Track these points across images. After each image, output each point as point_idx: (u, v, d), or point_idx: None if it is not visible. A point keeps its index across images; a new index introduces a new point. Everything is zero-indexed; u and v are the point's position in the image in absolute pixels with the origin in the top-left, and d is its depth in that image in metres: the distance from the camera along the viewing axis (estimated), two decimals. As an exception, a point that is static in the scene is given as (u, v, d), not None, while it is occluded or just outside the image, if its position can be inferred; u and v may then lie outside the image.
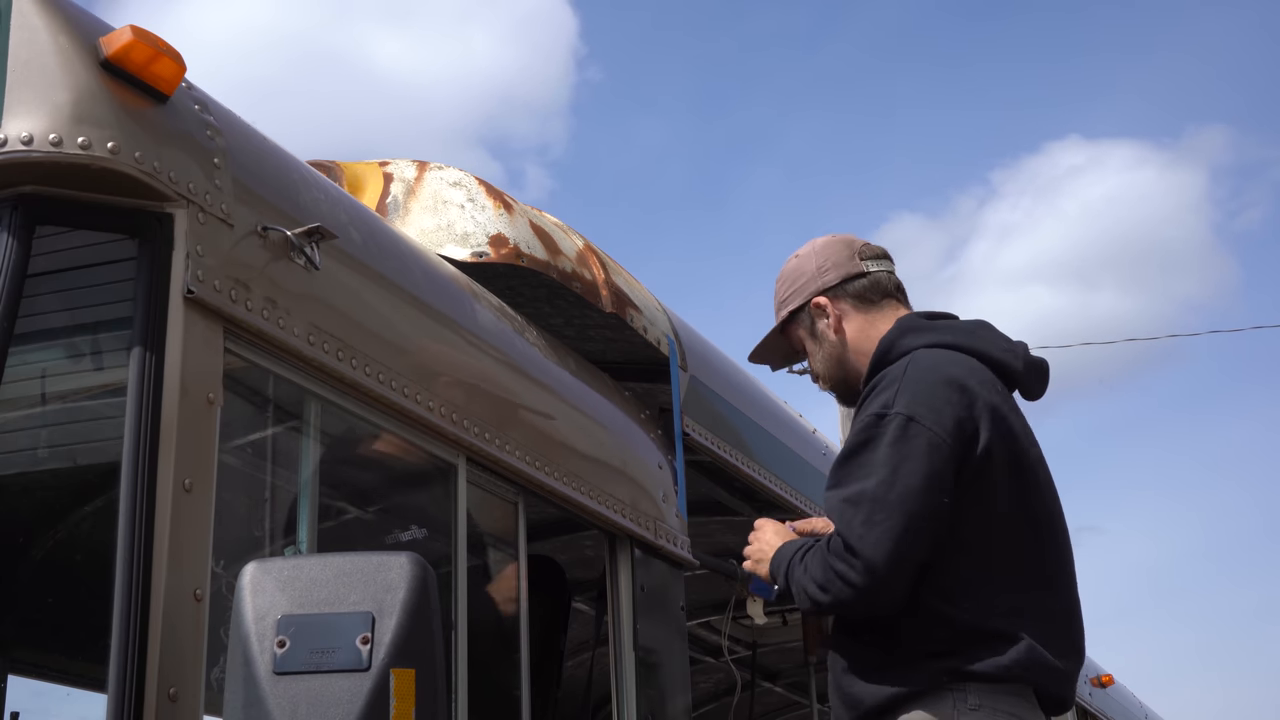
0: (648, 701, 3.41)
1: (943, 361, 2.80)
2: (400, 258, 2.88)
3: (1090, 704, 7.94)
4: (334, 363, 2.52)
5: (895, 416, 2.71)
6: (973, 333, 2.91)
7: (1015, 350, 2.92)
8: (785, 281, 3.13)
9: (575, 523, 3.50)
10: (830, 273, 3.04)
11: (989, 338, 2.91)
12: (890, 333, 2.93)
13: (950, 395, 2.72)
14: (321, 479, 2.68)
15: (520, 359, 3.21)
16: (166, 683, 2.01)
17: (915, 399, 2.71)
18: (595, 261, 3.66)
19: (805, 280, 3.07)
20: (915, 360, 2.81)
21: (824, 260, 3.06)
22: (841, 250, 3.07)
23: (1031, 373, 2.94)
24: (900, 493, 2.64)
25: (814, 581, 2.75)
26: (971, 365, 2.82)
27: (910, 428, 2.68)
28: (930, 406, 2.70)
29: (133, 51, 2.21)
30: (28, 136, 2.14)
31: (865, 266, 3.04)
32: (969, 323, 2.98)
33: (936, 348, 2.83)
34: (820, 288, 3.04)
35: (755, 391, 4.57)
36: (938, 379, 2.75)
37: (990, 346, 2.88)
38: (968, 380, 2.77)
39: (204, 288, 2.24)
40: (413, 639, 1.82)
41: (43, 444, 3.14)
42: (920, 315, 2.99)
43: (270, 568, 1.87)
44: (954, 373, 2.77)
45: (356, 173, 3.58)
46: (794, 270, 3.11)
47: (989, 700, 2.64)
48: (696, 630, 5.27)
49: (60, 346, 2.67)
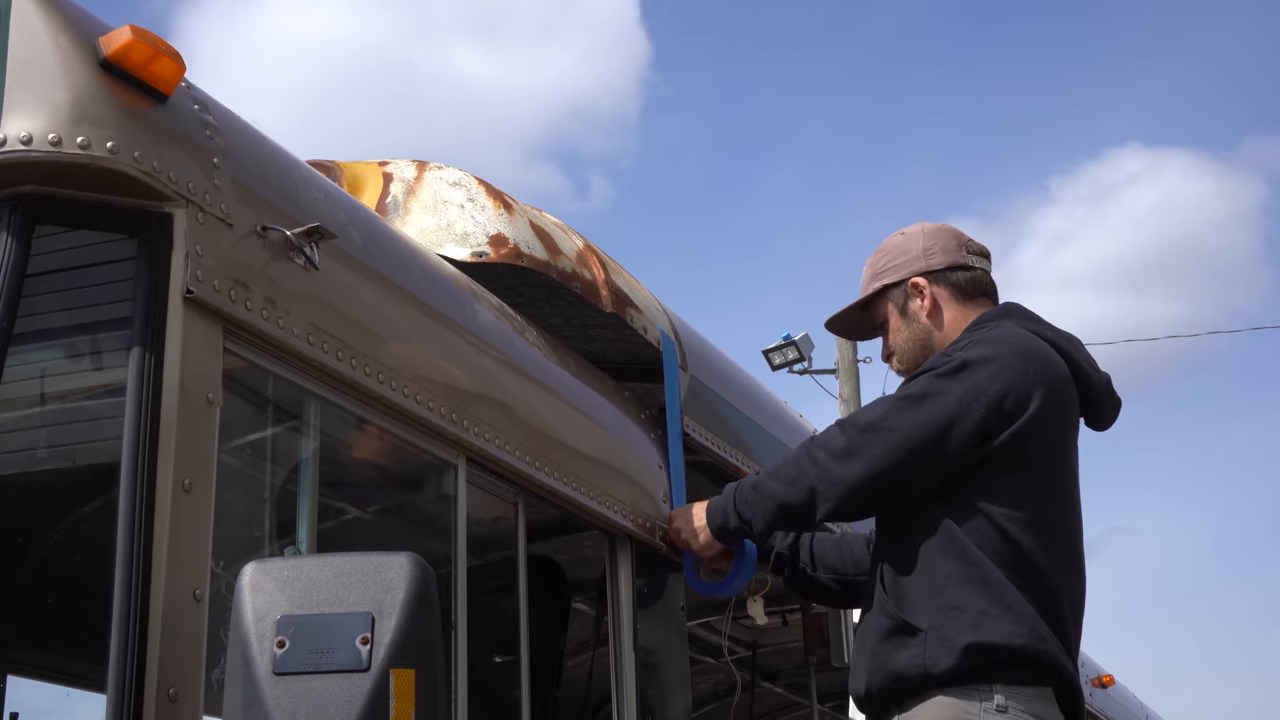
0: (648, 702, 3.41)
1: (1027, 338, 2.83)
2: (400, 258, 2.88)
3: (1090, 704, 7.94)
4: (334, 363, 2.52)
5: (955, 359, 2.77)
6: (1070, 340, 2.95)
7: (1100, 374, 2.95)
8: (886, 254, 3.11)
9: (575, 523, 3.50)
10: (937, 257, 3.04)
11: (1082, 352, 2.94)
12: (994, 310, 2.97)
13: (1015, 363, 2.76)
14: (321, 479, 2.68)
15: (520, 359, 3.20)
16: (166, 683, 2.01)
17: (981, 353, 2.77)
18: (595, 261, 3.66)
19: (909, 258, 3.06)
20: (1008, 329, 2.87)
21: (931, 243, 3.06)
22: (950, 239, 3.08)
23: (1107, 400, 2.96)
24: (910, 422, 2.72)
25: (776, 472, 2.86)
26: (1055, 356, 2.84)
27: (961, 371, 2.74)
28: (988, 360, 2.74)
29: (132, 51, 2.21)
30: (27, 136, 2.13)
31: (970, 260, 3.05)
32: (1066, 331, 3.00)
33: (1032, 332, 2.86)
34: (923, 269, 3.04)
35: (755, 391, 4.57)
36: (1013, 346, 2.79)
37: (1080, 358, 2.90)
38: (1042, 360, 2.79)
39: (203, 287, 2.24)
40: (413, 639, 1.82)
41: (42, 444, 3.14)
42: (1024, 310, 3.02)
43: (270, 568, 1.87)
44: (1031, 348, 2.80)
45: (356, 172, 3.58)
46: (898, 246, 3.10)
47: (1015, 701, 2.65)
48: (696, 630, 5.27)
49: (60, 346, 2.67)
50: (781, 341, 15.57)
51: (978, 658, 2.64)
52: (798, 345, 15.47)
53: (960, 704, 2.65)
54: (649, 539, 3.54)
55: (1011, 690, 2.65)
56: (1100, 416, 2.97)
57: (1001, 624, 2.66)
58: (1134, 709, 9.72)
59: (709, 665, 5.70)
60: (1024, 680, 2.67)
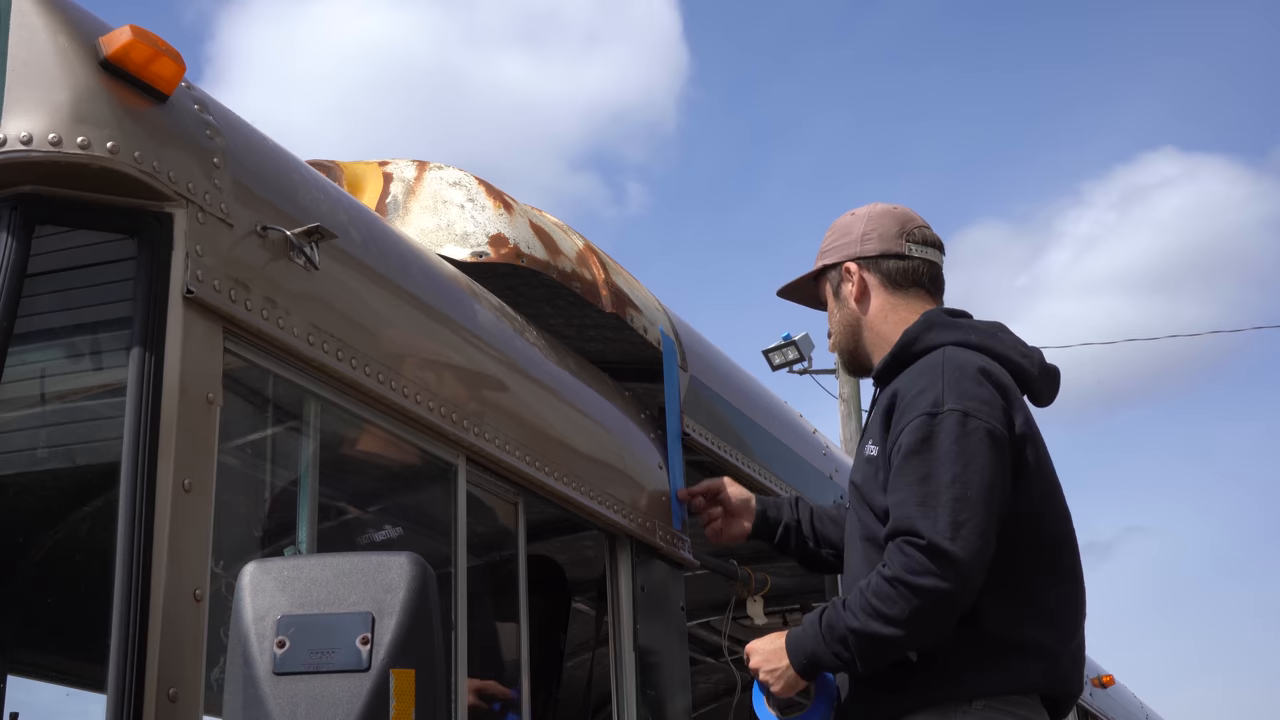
0: (648, 702, 3.41)
1: (976, 359, 2.80)
2: (400, 257, 2.88)
3: (1091, 704, 7.93)
4: (334, 363, 2.52)
5: (951, 413, 2.65)
6: (993, 335, 2.91)
7: (1031, 355, 2.91)
8: (832, 234, 3.12)
9: (575, 523, 3.50)
10: (872, 243, 3.02)
11: (1008, 340, 2.91)
12: (916, 325, 2.91)
13: (993, 392, 2.72)
14: (321, 479, 2.68)
15: (520, 359, 3.20)
16: (166, 683, 2.01)
17: (965, 395, 2.67)
18: (595, 261, 3.66)
19: (848, 241, 3.06)
20: (949, 356, 2.78)
21: (870, 228, 3.04)
22: (891, 225, 3.04)
23: (1044, 378, 2.93)
24: (979, 489, 2.58)
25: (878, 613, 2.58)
26: (996, 366, 2.82)
27: (969, 423, 2.64)
28: (981, 400, 2.68)
29: (132, 51, 2.21)
30: (27, 136, 2.13)
31: (907, 249, 3.00)
32: (988, 324, 2.97)
33: (962, 346, 2.83)
34: (856, 255, 3.02)
35: (755, 391, 4.57)
36: (978, 375, 2.74)
37: (1008, 349, 2.87)
38: (1001, 378, 2.77)
39: (203, 287, 2.24)
40: (413, 639, 1.82)
41: (42, 444, 3.14)
42: (943, 311, 2.98)
43: (270, 568, 1.87)
44: (990, 369, 2.77)
45: (356, 172, 3.58)
46: (844, 227, 3.09)
47: (994, 701, 2.64)
48: (696, 630, 5.26)
49: (59, 346, 2.67)
50: (781, 341, 15.57)
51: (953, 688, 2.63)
52: (798, 345, 15.47)
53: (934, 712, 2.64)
54: (649, 539, 3.54)
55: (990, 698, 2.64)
56: (1038, 395, 2.96)
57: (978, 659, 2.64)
58: (1134, 709, 9.72)
59: (709, 665, 5.70)
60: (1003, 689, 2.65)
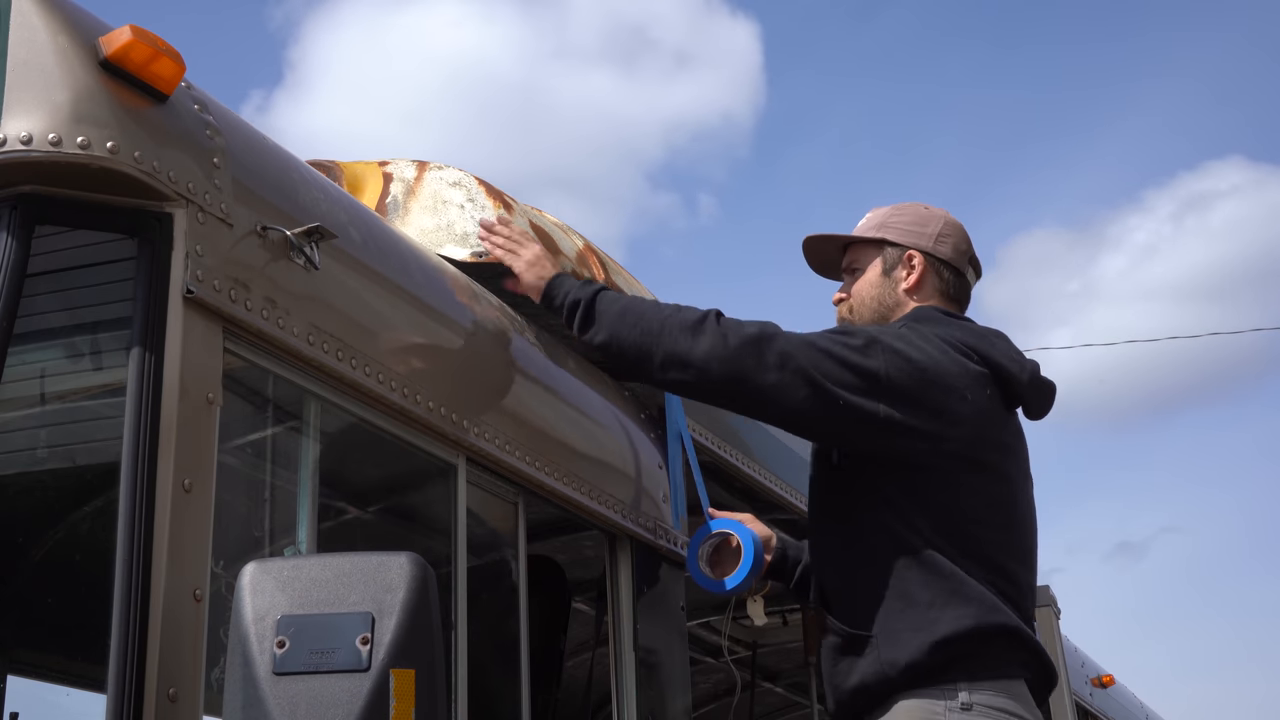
0: (648, 701, 3.41)
1: (929, 340, 2.83)
2: (400, 257, 2.88)
3: (1090, 704, 7.94)
4: (334, 363, 2.52)
5: (863, 333, 2.78)
6: (983, 336, 2.92)
7: (1023, 364, 2.92)
8: (903, 215, 3.08)
9: (575, 523, 3.50)
10: (946, 247, 3.03)
11: (1000, 346, 2.91)
12: (904, 317, 2.94)
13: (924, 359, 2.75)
14: (321, 479, 2.68)
15: (520, 359, 3.20)
16: (166, 683, 2.01)
17: (890, 336, 2.78)
18: (595, 261, 3.66)
19: (922, 231, 3.04)
20: (912, 326, 2.87)
21: (948, 232, 3.05)
22: (963, 240, 3.08)
23: (1034, 390, 2.94)
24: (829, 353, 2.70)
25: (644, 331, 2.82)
26: (959, 361, 2.82)
27: (869, 344, 2.74)
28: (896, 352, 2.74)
29: (132, 51, 2.21)
30: (27, 136, 2.13)
31: (966, 271, 3.06)
32: (984, 328, 2.98)
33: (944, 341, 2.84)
34: (929, 249, 3.02)
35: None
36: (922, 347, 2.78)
37: (996, 353, 2.87)
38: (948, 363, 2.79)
39: (203, 287, 2.24)
40: (413, 639, 1.82)
41: (42, 444, 3.14)
42: (939, 310, 3.00)
43: (270, 568, 1.87)
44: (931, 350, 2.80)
45: (356, 172, 3.58)
46: (918, 215, 3.07)
47: (981, 699, 2.63)
48: (696, 630, 5.27)
49: (59, 346, 2.67)
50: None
51: (935, 654, 2.63)
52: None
53: (924, 705, 2.63)
54: (649, 539, 3.54)
55: (976, 686, 2.63)
56: (1029, 406, 2.96)
57: (950, 610, 2.64)
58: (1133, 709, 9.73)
59: (709, 665, 5.71)
60: (986, 674, 2.65)
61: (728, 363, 2.73)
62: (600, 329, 2.90)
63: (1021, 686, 2.70)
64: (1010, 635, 2.67)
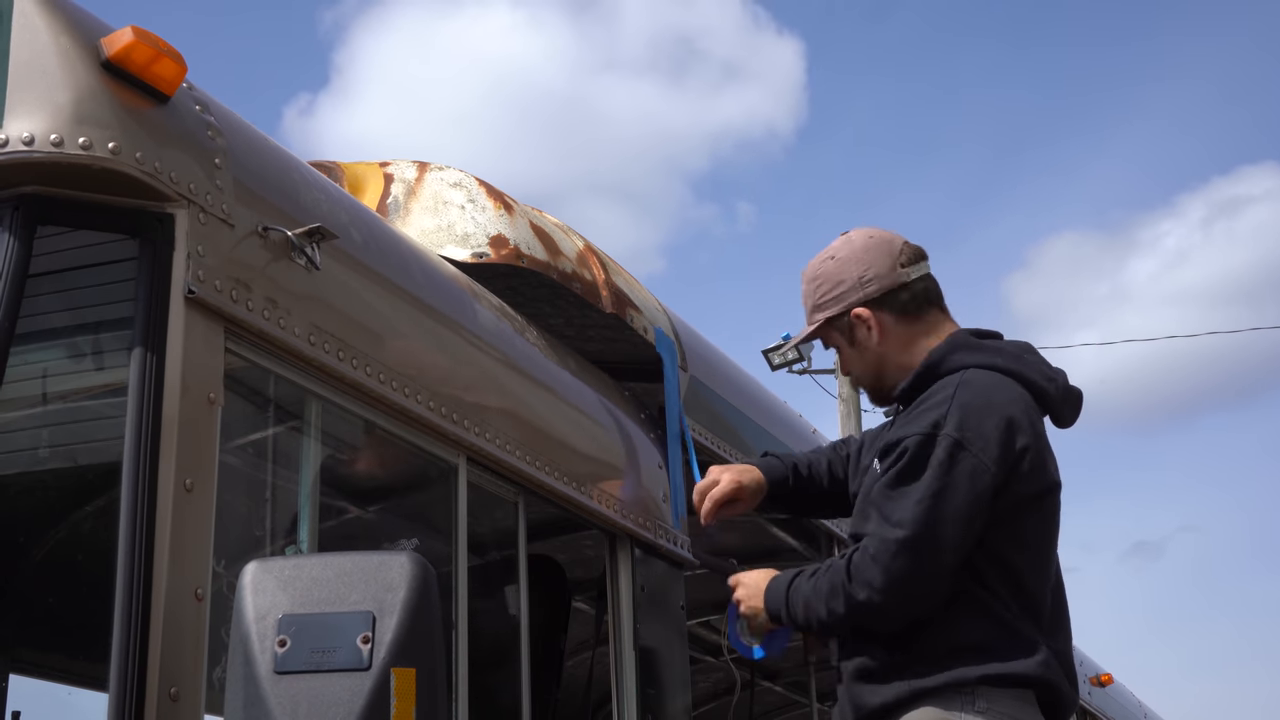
0: (648, 701, 3.41)
1: (993, 387, 2.79)
2: (401, 258, 2.88)
3: (1090, 703, 7.94)
4: (334, 363, 2.52)
5: (945, 439, 2.69)
6: (1019, 357, 2.90)
7: (1055, 379, 2.92)
8: (823, 284, 3.00)
9: (575, 523, 3.50)
10: (872, 284, 2.94)
11: (1033, 363, 2.91)
12: (941, 347, 2.88)
13: (999, 423, 2.73)
14: (322, 479, 2.68)
15: (520, 359, 3.21)
16: (168, 682, 2.02)
17: (965, 423, 2.70)
18: (595, 262, 3.66)
19: (846, 288, 2.96)
20: (966, 382, 2.78)
21: (865, 270, 2.95)
22: (883, 258, 2.96)
23: (1065, 401, 2.95)
24: (936, 529, 2.66)
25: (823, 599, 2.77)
26: (1018, 392, 2.82)
27: (958, 454, 2.68)
28: (979, 433, 2.70)
29: (134, 52, 2.21)
30: (29, 137, 2.14)
31: (908, 276, 2.94)
32: (1015, 345, 2.95)
33: (985, 369, 2.83)
34: (862, 299, 2.94)
35: (755, 391, 4.58)
36: (987, 404, 2.75)
37: (1033, 373, 2.87)
38: (1014, 409, 2.77)
39: (205, 288, 2.24)
40: (413, 638, 1.82)
41: (44, 444, 3.15)
42: (969, 333, 2.98)
43: (271, 567, 1.88)
44: (1002, 399, 2.78)
45: (357, 173, 3.58)
46: (833, 275, 2.98)
47: (997, 704, 2.65)
48: (696, 630, 5.27)
49: (61, 346, 2.68)
50: (781, 341, 15.55)
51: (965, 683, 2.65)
52: (798, 346, 15.44)
53: (939, 714, 2.65)
54: (649, 539, 3.55)
55: (994, 693, 2.66)
56: (1060, 417, 2.97)
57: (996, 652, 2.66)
58: (1132, 708, 9.73)
59: (709, 665, 5.71)
60: (1009, 684, 2.68)
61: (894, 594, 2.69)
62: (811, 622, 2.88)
63: (1032, 696, 2.72)
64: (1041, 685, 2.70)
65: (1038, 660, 2.68)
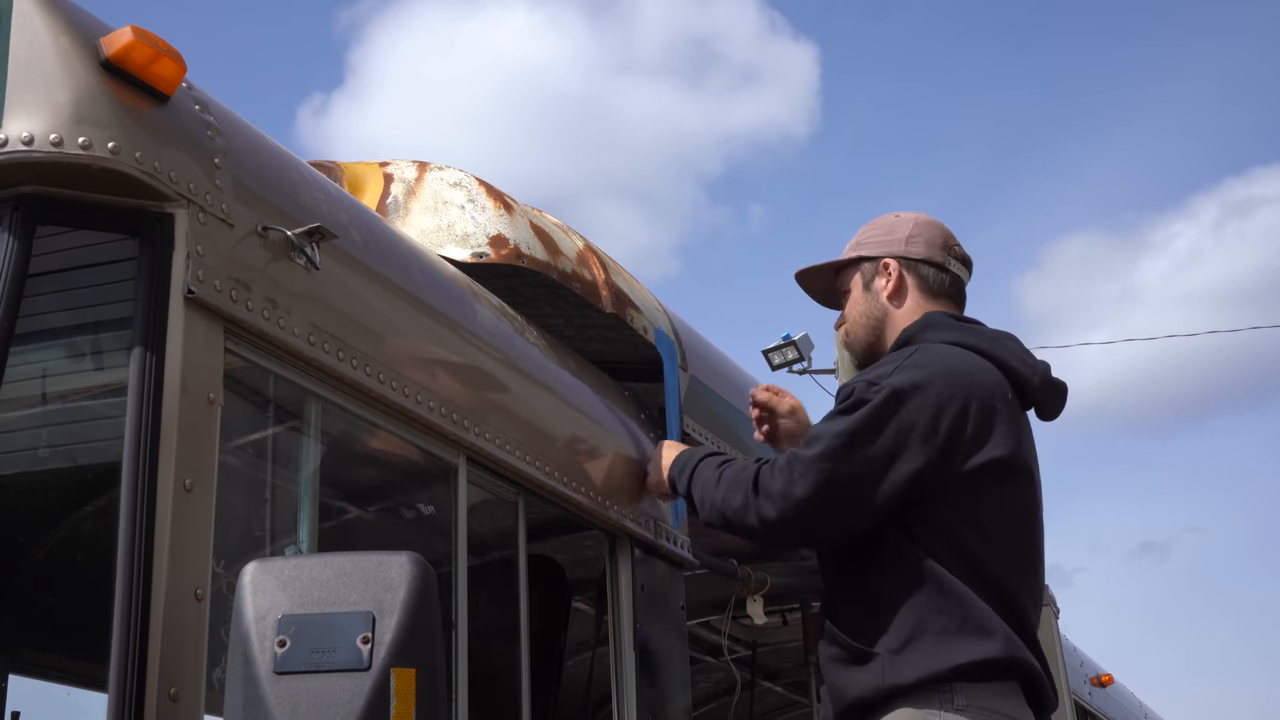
0: (648, 701, 3.41)
1: (954, 357, 2.82)
2: (401, 258, 2.88)
3: (1090, 704, 7.94)
4: (334, 363, 2.52)
5: (886, 388, 2.74)
6: (995, 340, 2.92)
7: (1035, 366, 2.92)
8: (874, 230, 3.12)
9: (575, 523, 3.50)
10: (918, 246, 3.05)
11: (1012, 349, 2.92)
12: (917, 323, 2.95)
13: (946, 388, 2.74)
14: (322, 479, 2.68)
15: (520, 359, 3.21)
16: (167, 683, 2.02)
17: (912, 380, 2.75)
18: (595, 262, 3.66)
19: (892, 239, 3.07)
20: (927, 348, 2.84)
21: (917, 233, 3.07)
22: (937, 235, 3.08)
23: (1047, 391, 2.94)
24: (848, 463, 2.70)
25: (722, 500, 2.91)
26: (982, 366, 2.83)
27: (894, 404, 2.72)
28: (923, 392, 2.73)
29: (133, 52, 2.21)
30: (28, 136, 2.14)
31: (948, 261, 3.06)
32: (995, 331, 2.98)
33: (954, 345, 2.84)
34: (900, 253, 3.05)
35: (755, 391, 4.57)
36: (944, 371, 2.77)
37: (1010, 357, 2.88)
38: (971, 381, 2.78)
39: (204, 288, 2.24)
40: (413, 639, 1.82)
41: (43, 444, 3.15)
42: (949, 315, 3.00)
43: (271, 567, 1.88)
44: (960, 370, 2.78)
45: (357, 173, 3.58)
46: (887, 225, 3.11)
47: (976, 700, 2.64)
48: (696, 630, 5.27)
49: (60, 346, 2.67)
50: (781, 341, 15.55)
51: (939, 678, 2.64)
52: (797, 345, 15.44)
53: (920, 714, 2.64)
54: (649, 539, 3.55)
55: (973, 688, 2.64)
56: (1041, 408, 2.97)
57: (962, 640, 2.65)
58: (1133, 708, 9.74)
59: (709, 665, 5.71)
60: (986, 677, 2.66)
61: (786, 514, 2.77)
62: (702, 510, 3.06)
63: (1015, 688, 2.71)
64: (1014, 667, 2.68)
65: (1000, 642, 2.65)
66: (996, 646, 2.64)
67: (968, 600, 2.67)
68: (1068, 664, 7.27)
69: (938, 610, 2.66)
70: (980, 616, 2.66)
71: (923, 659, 2.64)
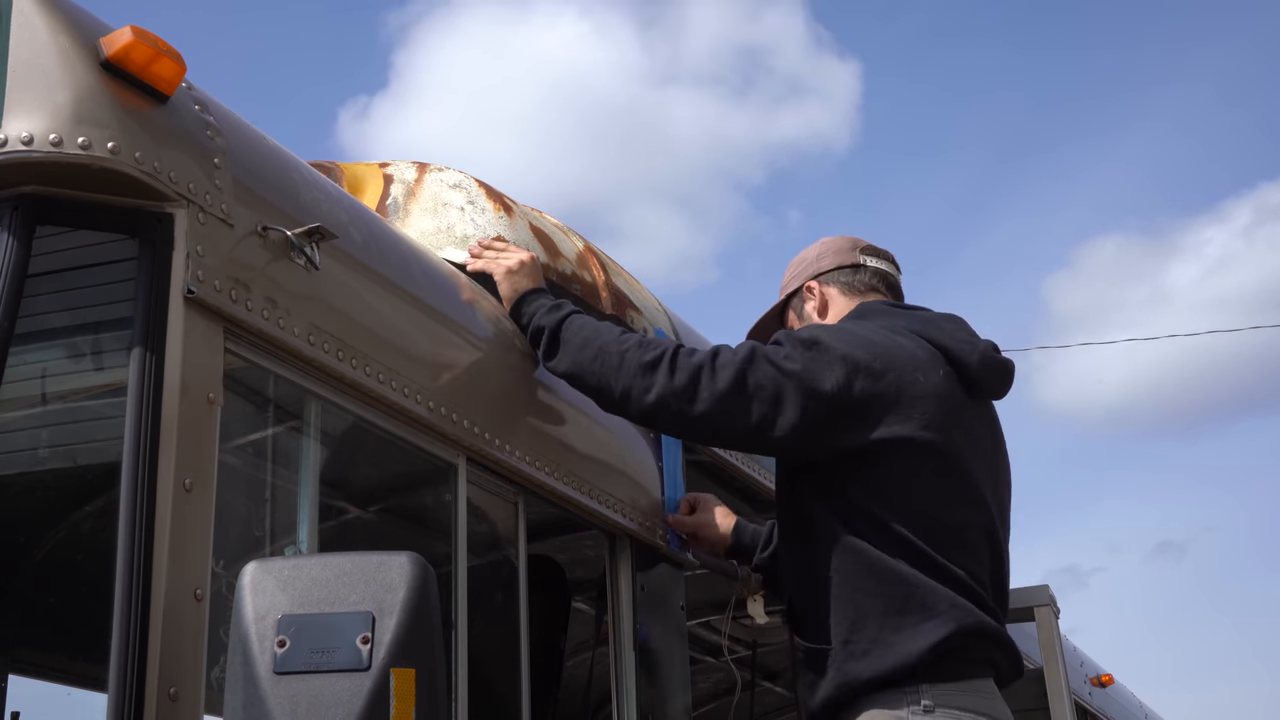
0: (648, 701, 3.41)
1: (878, 331, 2.89)
2: (401, 258, 2.88)
3: (1090, 704, 7.94)
4: (334, 363, 2.52)
5: (807, 332, 2.86)
6: (931, 321, 2.97)
7: (975, 344, 2.93)
8: (793, 265, 3.28)
9: (575, 523, 3.50)
10: (828, 259, 3.20)
11: (949, 329, 2.94)
12: (851, 313, 3.05)
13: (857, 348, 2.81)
14: (322, 479, 2.68)
15: (520, 359, 3.21)
16: (167, 683, 2.02)
17: (829, 333, 2.86)
18: (595, 263, 3.66)
19: (805, 266, 3.23)
20: (847, 324, 2.98)
21: (825, 249, 3.22)
22: (845, 243, 3.22)
23: (988, 370, 2.95)
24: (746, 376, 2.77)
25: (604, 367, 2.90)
26: (911, 344, 2.86)
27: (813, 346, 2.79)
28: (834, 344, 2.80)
29: (133, 52, 2.21)
30: (28, 136, 2.14)
31: (862, 260, 3.16)
32: (935, 314, 3.02)
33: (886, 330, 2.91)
34: (814, 273, 3.20)
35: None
36: (866, 340, 2.86)
37: (945, 337, 2.90)
38: (891, 351, 2.83)
39: (204, 288, 2.24)
40: (413, 639, 1.82)
41: (43, 444, 3.15)
42: (884, 302, 3.06)
43: (270, 567, 1.88)
44: (883, 342, 2.84)
45: (356, 174, 3.58)
46: (801, 257, 3.26)
47: (942, 699, 2.63)
48: (696, 630, 5.27)
49: (60, 346, 2.67)
50: (780, 342, 15.53)
51: (894, 668, 2.63)
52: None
53: (888, 714, 2.64)
54: (649, 539, 3.54)
55: (938, 687, 2.63)
56: (983, 387, 2.97)
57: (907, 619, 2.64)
58: (1133, 708, 9.73)
59: (709, 665, 5.70)
60: (948, 676, 2.65)
61: (679, 398, 2.81)
62: (563, 359, 3.00)
63: (987, 684, 2.70)
64: (969, 635, 2.66)
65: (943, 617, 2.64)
66: (943, 625, 2.63)
67: (905, 577, 2.66)
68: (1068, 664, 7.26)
69: (875, 594, 2.66)
70: (921, 594, 2.65)
71: (878, 651, 2.63)
